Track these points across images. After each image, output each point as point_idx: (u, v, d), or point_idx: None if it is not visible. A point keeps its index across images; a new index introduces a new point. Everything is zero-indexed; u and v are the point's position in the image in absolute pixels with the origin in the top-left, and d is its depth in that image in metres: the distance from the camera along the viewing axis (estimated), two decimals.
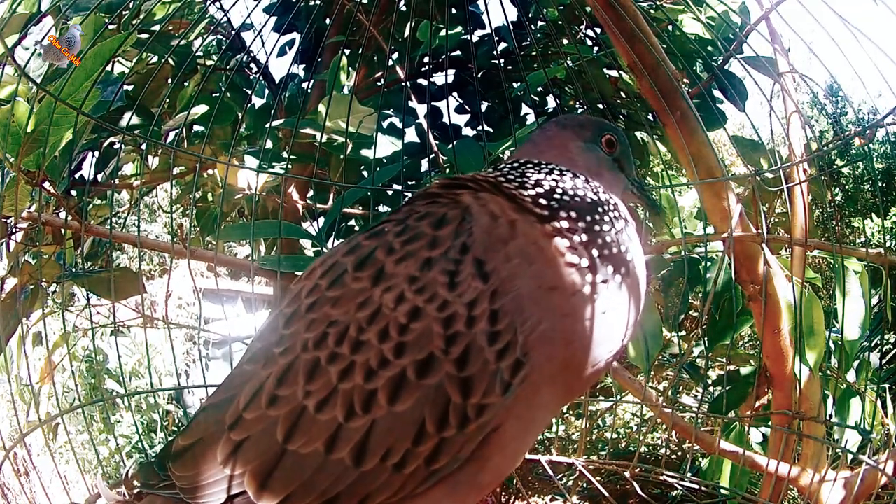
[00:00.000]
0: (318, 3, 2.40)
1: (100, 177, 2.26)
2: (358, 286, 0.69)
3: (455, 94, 2.58)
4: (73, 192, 2.03)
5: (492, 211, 0.72)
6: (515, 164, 0.82)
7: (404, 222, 0.73)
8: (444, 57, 2.19)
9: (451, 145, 1.88)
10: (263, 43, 2.09)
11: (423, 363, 0.64)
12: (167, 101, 2.09)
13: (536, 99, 2.57)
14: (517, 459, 0.76)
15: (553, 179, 0.78)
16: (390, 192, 2.04)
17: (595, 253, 0.71)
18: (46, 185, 1.38)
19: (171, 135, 2.10)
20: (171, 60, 2.07)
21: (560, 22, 2.22)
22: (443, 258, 0.68)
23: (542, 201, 0.74)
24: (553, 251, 0.70)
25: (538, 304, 0.67)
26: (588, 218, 0.74)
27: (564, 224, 0.72)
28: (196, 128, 2.35)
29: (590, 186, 0.79)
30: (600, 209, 0.76)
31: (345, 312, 0.68)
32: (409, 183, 1.98)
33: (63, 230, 1.62)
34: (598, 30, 2.31)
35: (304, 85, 2.46)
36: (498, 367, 0.65)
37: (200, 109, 2.03)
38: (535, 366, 0.66)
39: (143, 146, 1.99)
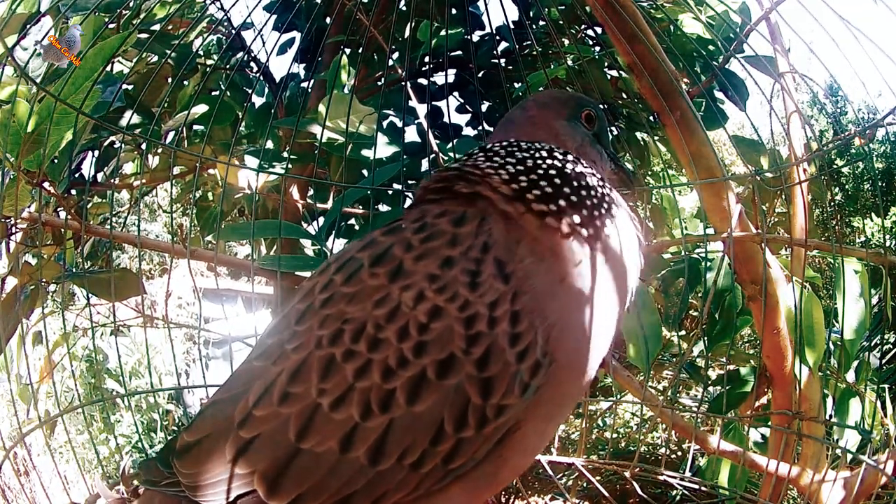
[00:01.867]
0: (318, 2, 2.40)
1: (100, 177, 2.26)
2: (375, 283, 0.68)
3: (455, 93, 2.58)
4: (73, 192, 2.03)
5: (504, 210, 0.72)
6: (509, 150, 0.79)
7: (422, 219, 0.72)
8: (444, 57, 2.19)
9: (451, 145, 1.88)
10: (264, 42, 2.08)
11: (443, 363, 0.63)
12: (167, 100, 2.09)
13: None
14: (534, 456, 0.76)
15: (544, 165, 0.77)
16: (390, 192, 2.04)
17: (589, 231, 0.72)
18: (46, 185, 1.38)
19: (171, 134, 2.10)
20: (171, 60, 2.07)
21: (560, 22, 2.22)
22: (463, 257, 0.67)
23: (536, 191, 0.73)
24: (559, 243, 0.71)
25: (555, 300, 0.67)
26: (581, 200, 0.74)
27: (554, 208, 0.72)
28: (196, 127, 2.34)
29: (586, 170, 0.78)
30: (594, 193, 0.76)
31: (361, 309, 0.67)
32: (409, 183, 1.98)
33: (63, 230, 1.62)
34: (598, 30, 2.31)
35: (304, 84, 2.46)
36: (518, 369, 0.64)
37: (200, 109, 2.03)
38: (556, 364, 0.66)
39: (143, 146, 1.99)
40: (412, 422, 0.63)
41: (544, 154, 0.78)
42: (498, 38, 2.44)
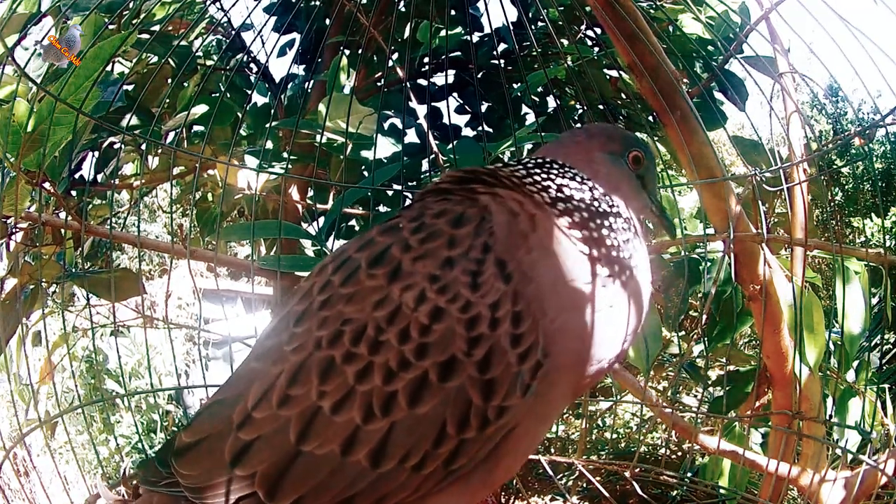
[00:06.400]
0: (317, 3, 2.40)
1: (100, 177, 2.26)
2: (373, 283, 0.67)
3: (455, 94, 2.58)
4: (73, 192, 2.03)
5: (511, 208, 0.72)
6: (539, 162, 0.81)
7: (420, 219, 0.71)
8: (444, 57, 2.19)
9: (451, 145, 1.88)
10: (263, 43, 2.09)
11: (445, 365, 0.63)
12: (167, 101, 2.09)
13: (536, 99, 2.57)
14: (527, 456, 0.76)
15: (574, 186, 0.77)
16: (390, 192, 2.04)
17: (604, 250, 0.73)
18: (46, 185, 1.38)
19: (171, 135, 2.10)
20: (171, 60, 2.07)
21: (560, 22, 2.22)
22: (464, 258, 0.66)
23: (560, 205, 0.74)
24: (568, 243, 0.71)
25: (557, 297, 0.67)
26: (598, 221, 0.75)
27: (577, 219, 0.73)
28: (196, 128, 2.35)
29: (605, 199, 0.79)
30: (611, 218, 0.76)
31: (360, 310, 0.66)
32: (410, 183, 1.98)
33: (63, 230, 1.62)
34: (598, 30, 2.31)
35: (305, 85, 2.46)
36: (520, 370, 0.64)
37: (200, 109, 2.03)
38: (554, 363, 0.66)
39: (143, 146, 1.99)
40: (414, 424, 0.63)
41: (577, 181, 0.79)
42: (497, 38, 2.44)
